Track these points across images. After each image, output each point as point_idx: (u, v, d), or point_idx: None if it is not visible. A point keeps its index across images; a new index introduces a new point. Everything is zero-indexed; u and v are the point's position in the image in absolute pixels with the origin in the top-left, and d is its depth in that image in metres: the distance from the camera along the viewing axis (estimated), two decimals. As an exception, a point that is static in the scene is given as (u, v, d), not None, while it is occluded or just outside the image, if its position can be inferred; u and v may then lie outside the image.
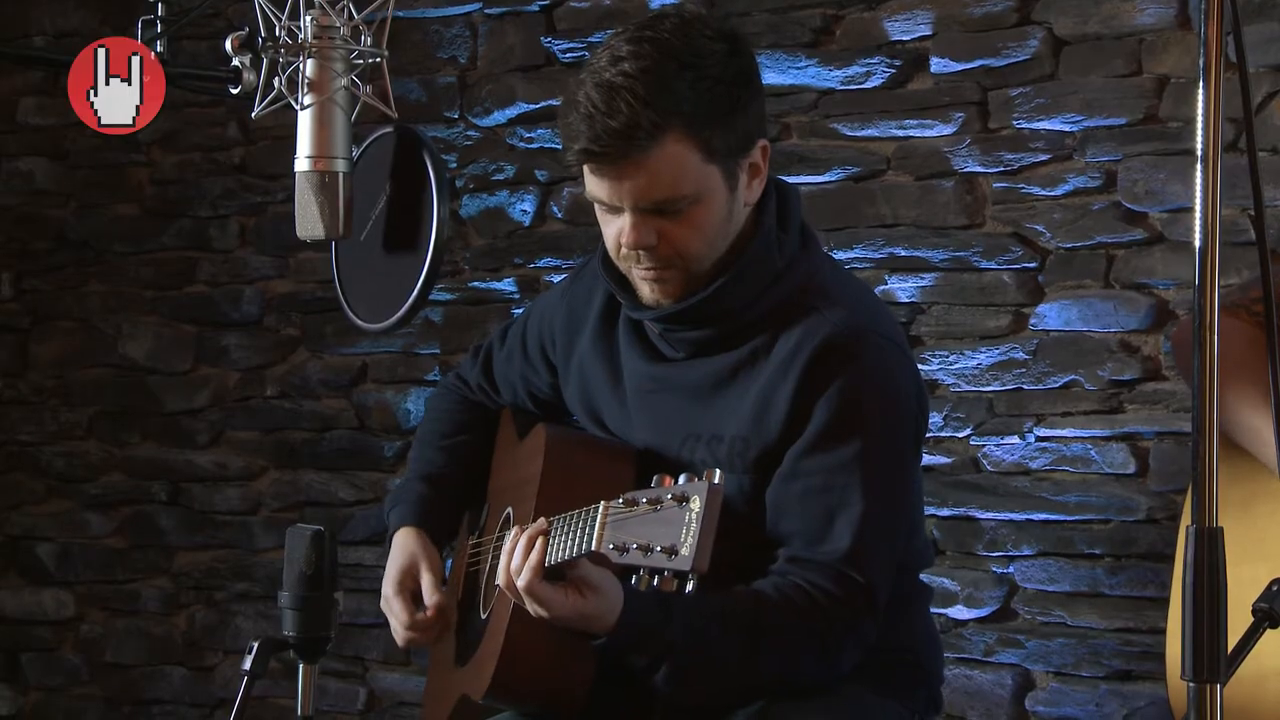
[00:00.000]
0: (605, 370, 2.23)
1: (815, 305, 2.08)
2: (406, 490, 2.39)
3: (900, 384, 2.09)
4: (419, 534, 2.32)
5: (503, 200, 3.65)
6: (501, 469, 2.40)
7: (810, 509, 2.03)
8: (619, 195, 2.02)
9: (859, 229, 3.29)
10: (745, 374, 2.09)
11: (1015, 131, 3.16)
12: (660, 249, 2.05)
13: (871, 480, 2.02)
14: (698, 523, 1.72)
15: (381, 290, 2.30)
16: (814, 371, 2.04)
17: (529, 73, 3.61)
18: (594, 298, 2.26)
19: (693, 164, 2.02)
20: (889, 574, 2.06)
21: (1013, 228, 3.17)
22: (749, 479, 2.07)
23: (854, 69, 3.29)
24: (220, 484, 3.94)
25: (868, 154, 3.29)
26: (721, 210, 2.06)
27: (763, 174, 2.10)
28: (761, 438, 2.06)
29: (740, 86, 2.05)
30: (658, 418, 2.16)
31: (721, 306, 2.09)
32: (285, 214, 3.43)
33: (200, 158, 3.95)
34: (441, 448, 2.43)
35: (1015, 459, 3.17)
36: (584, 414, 2.27)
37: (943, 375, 3.22)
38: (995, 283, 3.19)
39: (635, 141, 1.98)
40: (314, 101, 2.11)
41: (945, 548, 3.22)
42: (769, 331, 2.09)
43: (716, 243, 2.07)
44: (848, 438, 2.03)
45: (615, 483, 2.06)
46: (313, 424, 3.87)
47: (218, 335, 3.95)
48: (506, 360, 2.41)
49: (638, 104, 1.97)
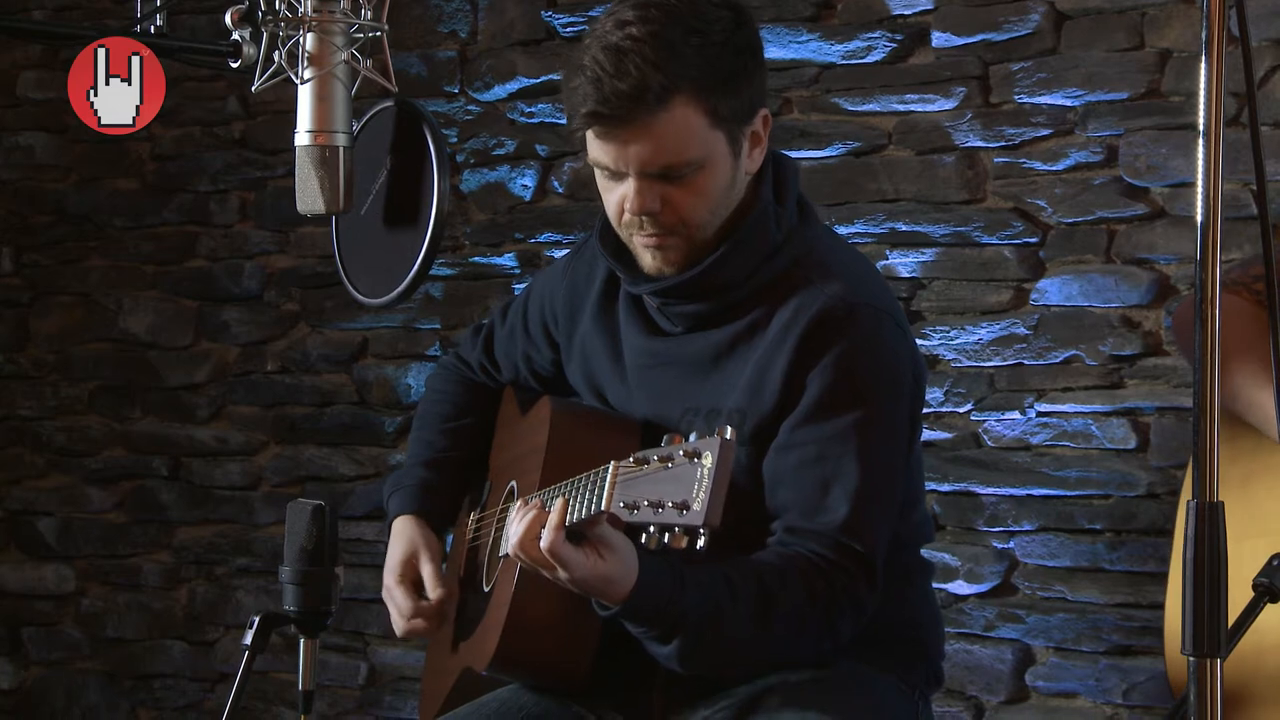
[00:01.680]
0: (606, 346, 2.23)
1: (811, 278, 2.08)
2: (407, 475, 2.38)
3: (896, 356, 2.09)
4: (419, 522, 2.31)
5: (503, 175, 3.64)
6: (504, 444, 2.39)
7: (806, 479, 2.03)
8: (624, 160, 2.02)
9: (860, 204, 3.28)
10: (743, 347, 2.09)
11: (1016, 106, 3.15)
12: (664, 215, 2.05)
13: (867, 450, 2.02)
14: (709, 478, 1.71)
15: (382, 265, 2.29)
16: (809, 343, 2.04)
17: (530, 47, 3.60)
18: (595, 274, 2.26)
19: (699, 128, 2.02)
20: (885, 543, 2.06)
21: (1014, 203, 3.17)
22: (746, 451, 2.07)
23: (855, 43, 3.28)
24: (221, 459, 3.94)
25: (869, 129, 3.29)
26: (725, 177, 2.06)
27: (764, 144, 2.10)
28: (758, 410, 2.07)
29: (746, 53, 2.05)
30: (657, 392, 2.16)
31: (719, 279, 2.09)
32: (285, 189, 3.43)
33: (200, 132, 3.94)
34: (443, 430, 2.42)
35: (1016, 434, 3.17)
36: (587, 390, 2.27)
37: (944, 350, 3.22)
38: (996, 258, 3.18)
39: (644, 104, 1.98)
40: (314, 76, 2.10)
41: (946, 523, 3.22)
42: (766, 305, 2.09)
43: (719, 210, 2.07)
44: (842, 408, 2.03)
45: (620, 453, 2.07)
46: (313, 399, 3.87)
47: (218, 310, 3.94)
48: (508, 338, 2.41)
49: (647, 66, 1.97)
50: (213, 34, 2.24)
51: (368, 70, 2.12)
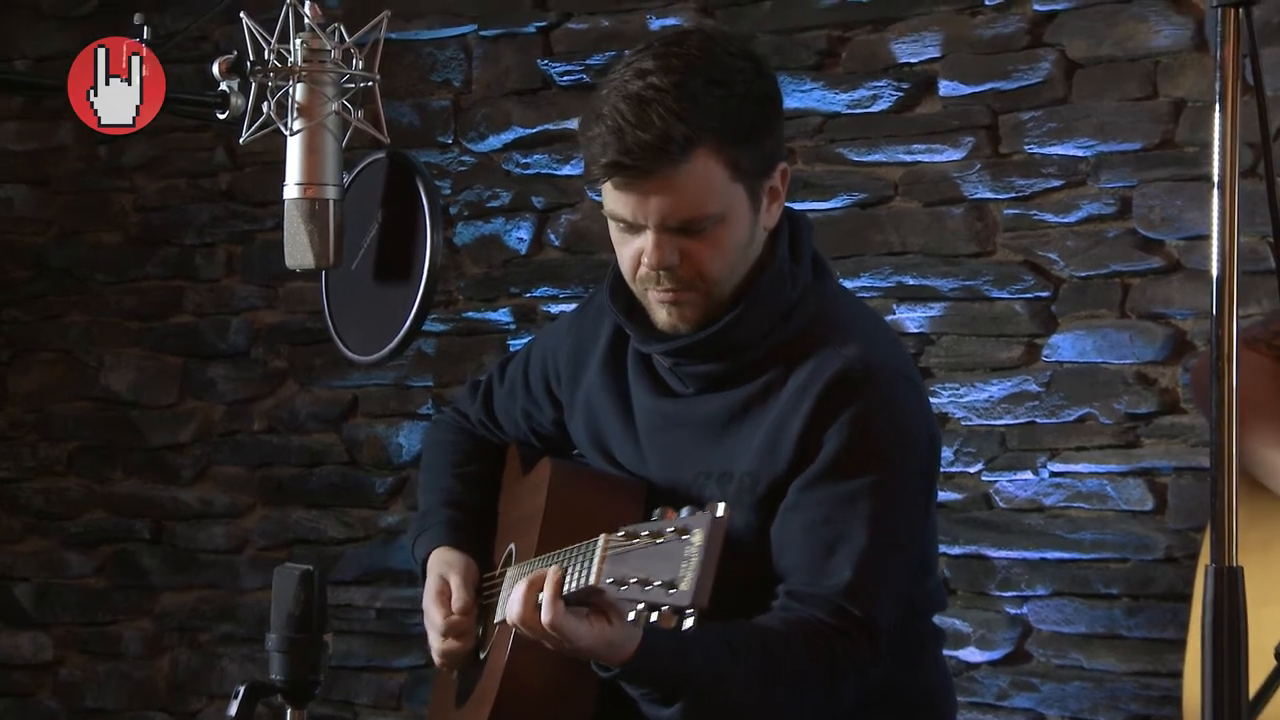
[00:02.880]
0: (615, 405, 2.23)
1: (828, 339, 2.08)
2: (429, 518, 2.38)
3: (912, 420, 2.10)
4: (453, 551, 2.32)
5: (498, 228, 3.66)
6: (506, 505, 2.40)
7: (811, 542, 2.03)
8: (644, 212, 2.03)
9: (866, 257, 3.30)
10: (757, 409, 2.10)
11: (1027, 156, 3.17)
12: (682, 269, 2.06)
13: (876, 515, 2.03)
14: (698, 556, 1.72)
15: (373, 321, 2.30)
16: (824, 405, 2.05)
17: (525, 96, 3.62)
18: (601, 330, 2.27)
19: (720, 182, 2.03)
20: (892, 612, 2.05)
21: (1024, 256, 3.18)
22: (757, 516, 2.07)
23: (860, 92, 3.30)
24: (205, 521, 3.94)
25: (875, 179, 3.31)
26: (744, 232, 2.07)
27: (781, 199, 2.11)
28: (770, 473, 2.07)
29: (767, 105, 2.07)
30: (669, 455, 2.17)
31: (733, 339, 2.10)
32: (273, 242, 3.43)
33: (186, 184, 3.96)
34: (456, 475, 2.42)
35: (1028, 495, 3.17)
36: (593, 450, 2.28)
37: (953, 408, 3.22)
38: (1007, 312, 3.19)
39: (667, 155, 1.99)
40: (304, 127, 2.11)
41: (956, 587, 3.22)
42: (781, 366, 2.09)
43: (737, 266, 2.08)
44: (854, 471, 2.03)
45: (620, 518, 2.07)
46: (301, 459, 3.87)
47: (203, 367, 3.95)
48: (508, 396, 2.42)
49: (670, 116, 1.99)
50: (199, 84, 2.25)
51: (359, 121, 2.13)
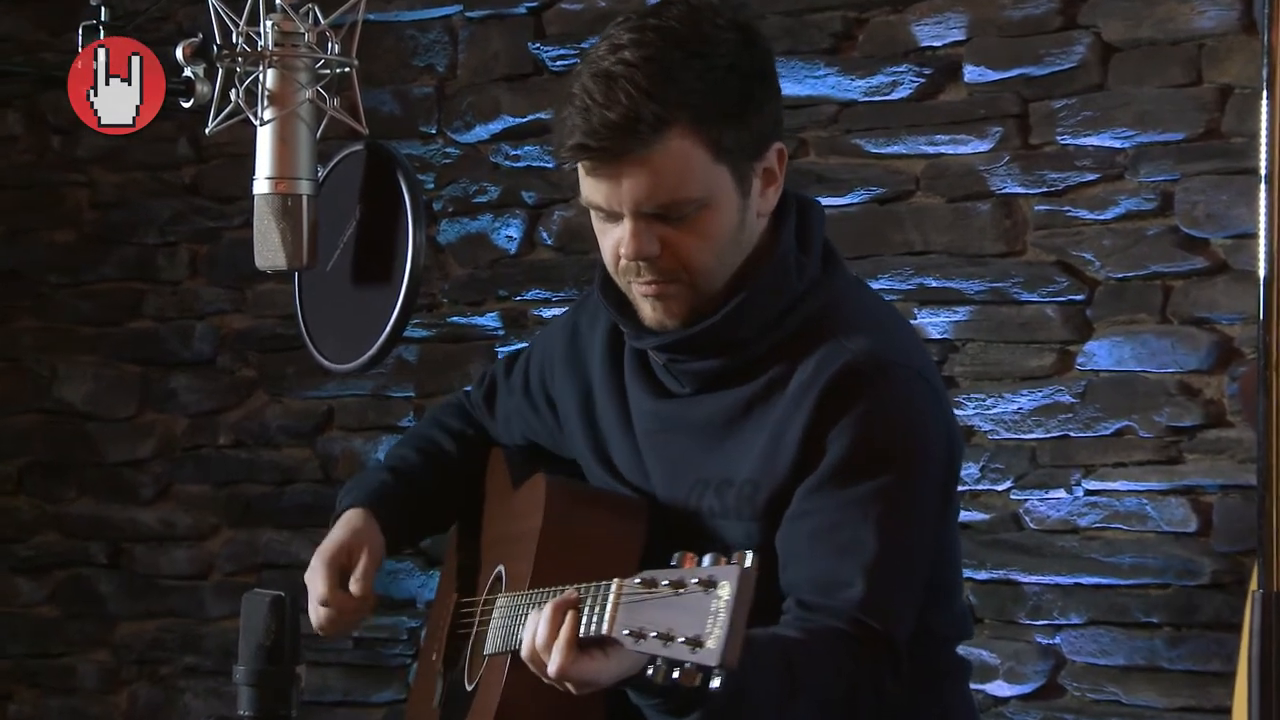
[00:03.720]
0: (614, 409, 2.23)
1: (836, 333, 2.08)
2: (367, 477, 2.39)
3: (928, 420, 2.09)
4: (369, 517, 2.32)
5: (486, 225, 3.66)
6: (492, 521, 2.39)
7: (820, 551, 2.03)
8: (618, 198, 2.03)
9: (884, 257, 3.30)
10: (759, 409, 2.10)
11: (1059, 148, 3.17)
12: (663, 260, 2.06)
13: (888, 520, 2.02)
14: (727, 612, 1.69)
15: (350, 326, 2.31)
16: (829, 402, 2.04)
17: (515, 83, 3.63)
18: (598, 328, 2.27)
19: (700, 163, 2.03)
20: (910, 624, 2.05)
21: (1057, 255, 3.19)
22: (758, 526, 2.07)
23: (878, 78, 3.30)
24: (167, 544, 3.94)
25: (894, 173, 3.31)
26: (731, 218, 2.07)
27: (778, 182, 2.11)
28: (771, 479, 2.07)
29: (754, 80, 2.07)
30: (667, 461, 2.17)
31: (733, 334, 2.10)
32: (242, 241, 3.43)
33: (146, 177, 3.97)
34: (420, 449, 2.43)
35: (1061, 515, 3.17)
36: (591, 458, 2.27)
37: (979, 421, 3.22)
38: (1038, 317, 3.20)
39: (636, 135, 1.99)
40: (275, 116, 2.12)
41: (983, 615, 3.22)
42: (785, 362, 2.09)
43: (726, 256, 2.08)
44: (863, 473, 2.03)
45: (624, 542, 2.06)
46: (272, 476, 3.87)
47: (165, 377, 3.95)
48: (509, 393, 2.42)
49: (639, 94, 1.99)
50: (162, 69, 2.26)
51: (335, 110, 2.14)
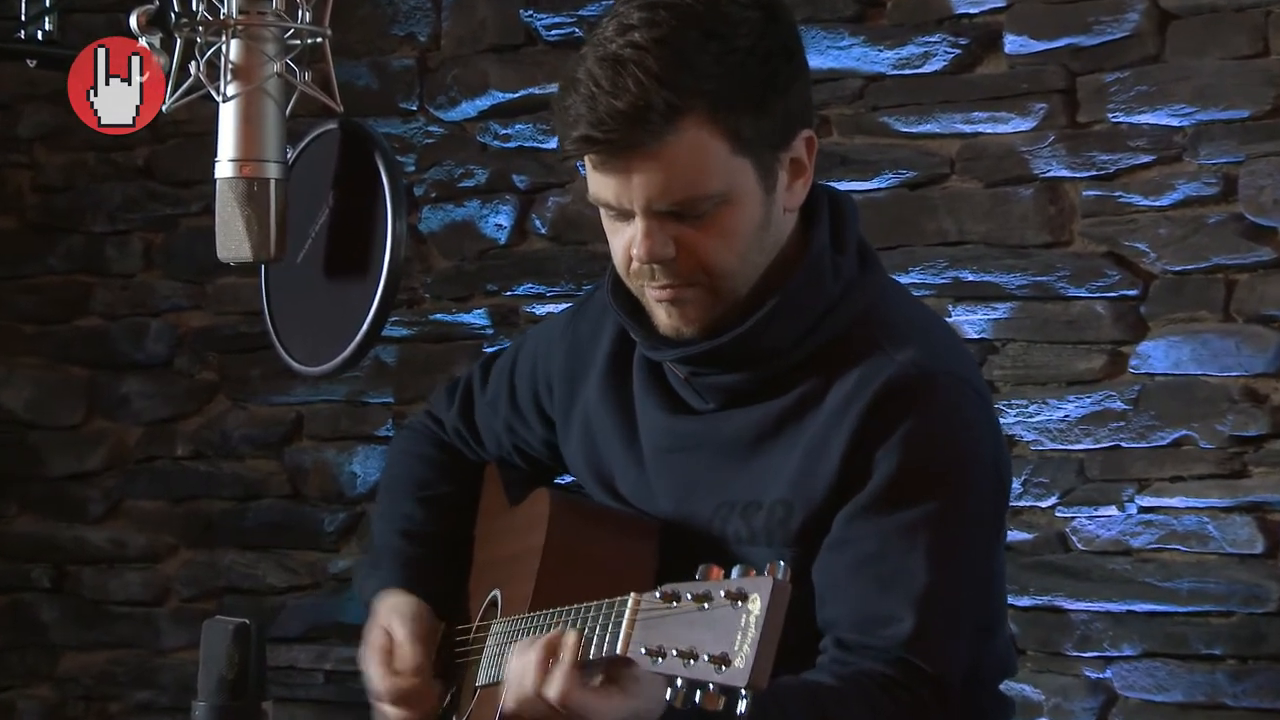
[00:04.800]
0: (618, 425, 2.23)
1: (878, 341, 2.08)
2: (383, 552, 2.38)
3: (980, 437, 2.09)
4: (405, 595, 2.31)
5: (473, 212, 3.67)
6: (486, 540, 2.39)
7: (864, 583, 2.03)
8: (628, 195, 2.03)
9: (915, 248, 3.30)
10: (791, 426, 2.09)
11: (1110, 127, 3.18)
12: (680, 262, 2.06)
13: (941, 548, 2.02)
14: (757, 628, 1.69)
15: (322, 325, 2.31)
16: (873, 419, 2.04)
17: (505, 54, 3.63)
18: (602, 334, 2.27)
19: (718, 156, 2.03)
20: (963, 664, 2.06)
21: (1108, 246, 3.19)
22: (790, 553, 2.07)
23: (909, 49, 3.31)
24: (118, 567, 3.94)
25: (926, 155, 3.31)
26: (755, 215, 2.07)
27: (808, 174, 2.10)
28: (807, 501, 2.07)
29: (778, 61, 2.07)
30: (683, 483, 2.16)
31: (764, 344, 2.09)
32: (202, 230, 3.43)
33: (95, 159, 3.97)
34: (421, 499, 2.42)
35: (1112, 535, 3.17)
36: (591, 479, 2.27)
37: (1021, 430, 3.23)
38: (1086, 314, 3.20)
39: (647, 126, 1.99)
40: (239, 91, 2.13)
41: (1026, 646, 3.22)
42: (821, 374, 2.09)
43: (750, 256, 2.08)
44: (911, 497, 2.03)
45: (633, 565, 2.05)
46: (235, 491, 3.87)
47: (116, 380, 3.96)
48: (490, 407, 2.42)
49: (649, 80, 1.99)
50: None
51: (305, 85, 2.15)
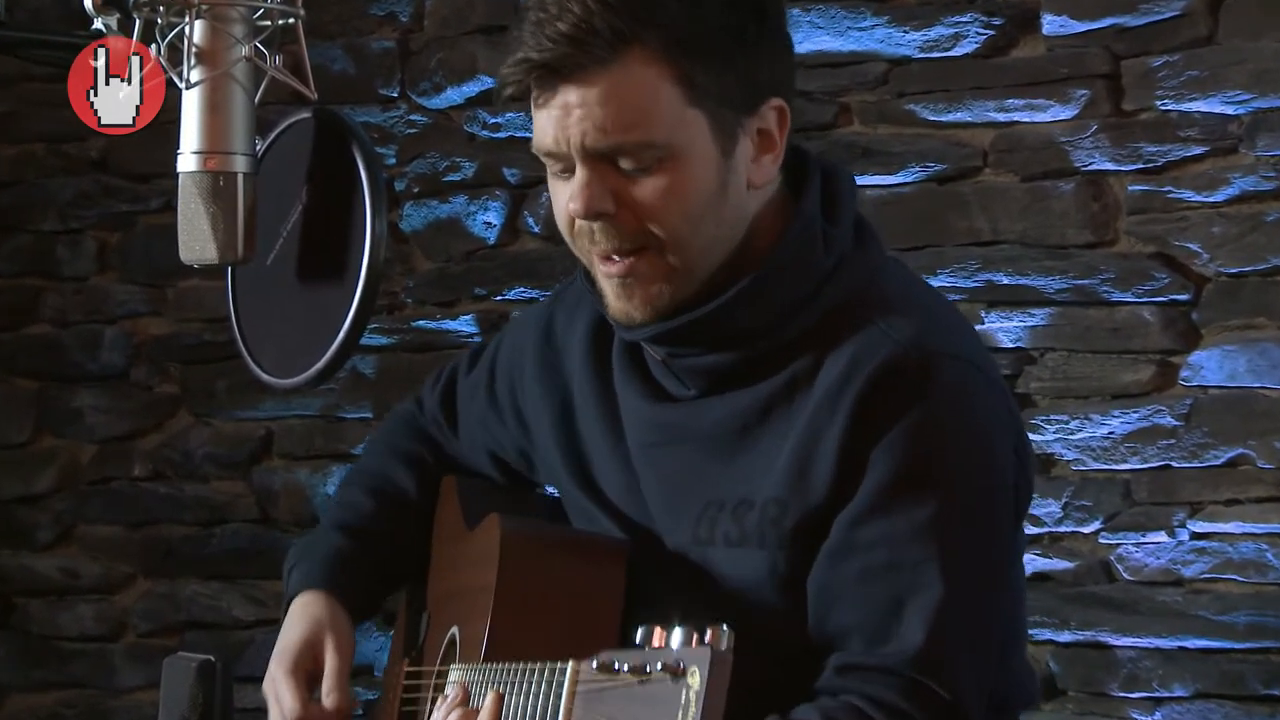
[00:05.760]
0: (602, 421, 2.23)
1: (872, 318, 2.08)
2: (317, 543, 2.39)
3: (990, 422, 2.09)
4: (329, 600, 2.32)
5: (459, 209, 3.67)
6: (443, 567, 2.40)
7: (871, 596, 2.02)
8: (565, 134, 2.04)
9: (945, 248, 3.31)
10: (780, 413, 2.09)
11: (1159, 115, 3.18)
12: (620, 219, 2.06)
13: (954, 553, 2.01)
14: (697, 705, 1.72)
15: (294, 333, 2.31)
16: (870, 405, 2.04)
17: (494, 36, 3.64)
18: (579, 320, 2.28)
19: (667, 99, 2.03)
20: (983, 687, 2.05)
21: (1156, 246, 3.19)
22: (784, 556, 2.07)
23: (938, 30, 3.31)
24: (69, 599, 3.95)
25: (957, 145, 3.32)
26: (706, 178, 2.06)
27: (778, 148, 2.10)
28: (803, 499, 2.06)
29: (750, 14, 2.07)
30: (669, 479, 2.16)
31: (745, 320, 2.09)
32: (162, 228, 3.43)
33: (45, 150, 3.97)
34: (372, 490, 2.43)
35: (1162, 564, 3.18)
36: (570, 480, 2.27)
37: (1061, 448, 3.23)
38: (1133, 321, 3.20)
39: (588, 49, 2.00)
40: (204, 77, 2.13)
41: (1067, 686, 3.22)
42: (812, 354, 2.09)
43: (702, 226, 2.07)
44: (919, 495, 2.02)
45: (597, 595, 2.06)
46: (198, 515, 3.88)
47: (67, 393, 3.96)
48: (470, 394, 2.42)
49: (596, 4, 2.00)
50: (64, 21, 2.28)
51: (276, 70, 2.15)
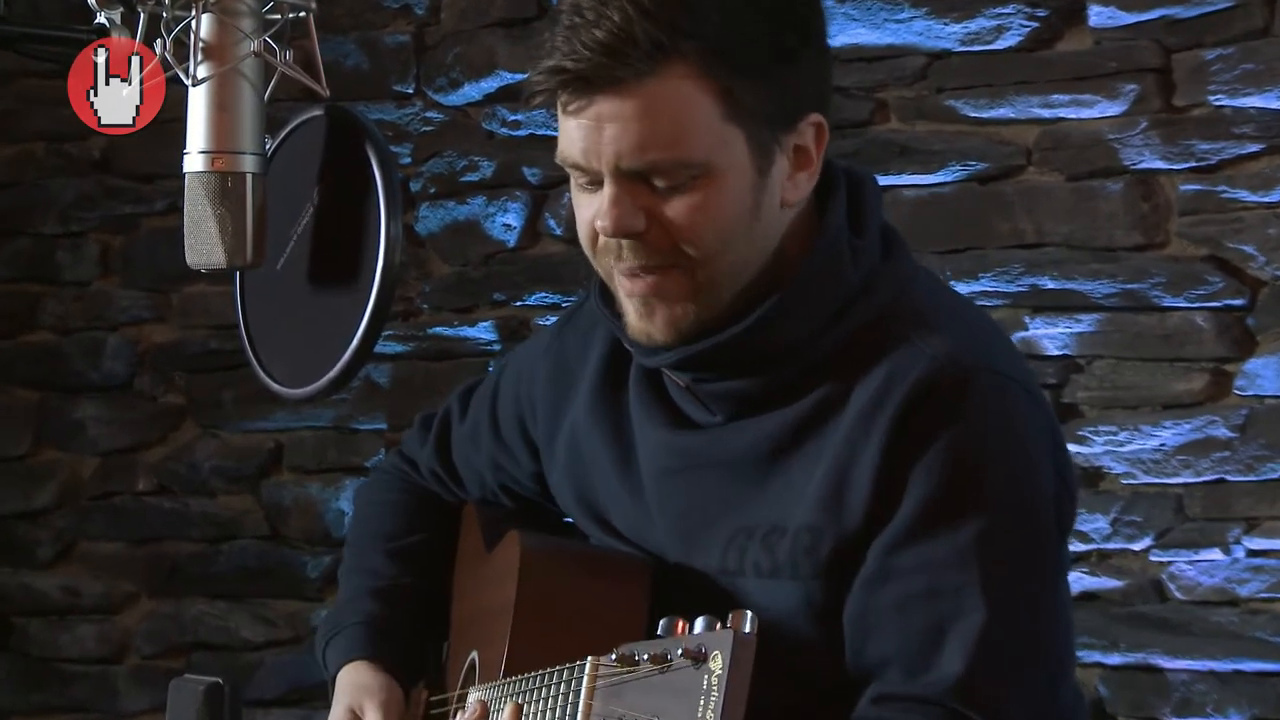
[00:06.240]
0: (611, 449, 2.23)
1: (906, 334, 2.08)
2: (346, 613, 2.39)
3: (1031, 438, 2.09)
4: (373, 668, 2.33)
5: (478, 210, 3.68)
6: (465, 592, 2.41)
7: (910, 624, 2.02)
8: (597, 149, 2.03)
9: (987, 251, 3.30)
10: (812, 437, 2.09)
11: (1212, 111, 3.18)
12: (650, 236, 2.06)
13: (996, 576, 2.01)
14: (720, 691, 1.72)
15: (306, 341, 2.32)
16: (906, 425, 2.04)
17: (514, 29, 3.64)
18: (592, 346, 2.27)
19: (705, 116, 2.03)
20: (1031, 714, 2.05)
21: (1209, 249, 3.19)
22: (820, 586, 2.07)
23: (980, 22, 3.31)
24: (70, 619, 3.96)
25: (1000, 144, 3.31)
26: (741, 199, 2.06)
27: (814, 166, 2.10)
28: (837, 526, 2.06)
29: (788, 26, 2.07)
30: (691, 509, 2.16)
31: (773, 342, 2.09)
32: (167, 231, 3.44)
33: (45, 150, 3.98)
34: (389, 552, 2.43)
35: (1216, 582, 3.17)
36: (580, 512, 2.28)
37: (1110, 461, 3.22)
38: (1185, 327, 3.20)
39: (626, 60, 1.99)
40: (212, 74, 2.14)
41: (1116, 711, 3.22)
42: (844, 374, 2.08)
43: (734, 243, 2.07)
44: (958, 517, 2.02)
45: (620, 614, 2.06)
46: (205, 531, 3.88)
47: (68, 404, 3.97)
48: (470, 439, 2.43)
49: (637, 12, 2.00)
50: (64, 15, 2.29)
51: (286, 66, 2.16)
